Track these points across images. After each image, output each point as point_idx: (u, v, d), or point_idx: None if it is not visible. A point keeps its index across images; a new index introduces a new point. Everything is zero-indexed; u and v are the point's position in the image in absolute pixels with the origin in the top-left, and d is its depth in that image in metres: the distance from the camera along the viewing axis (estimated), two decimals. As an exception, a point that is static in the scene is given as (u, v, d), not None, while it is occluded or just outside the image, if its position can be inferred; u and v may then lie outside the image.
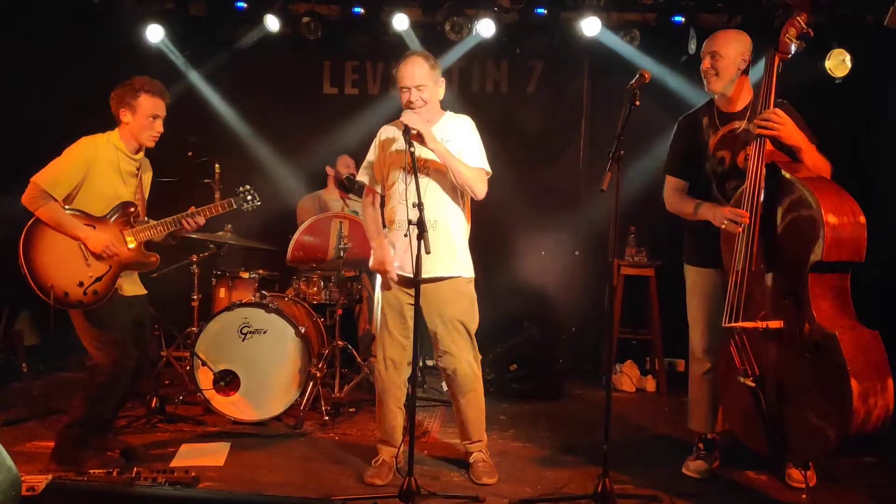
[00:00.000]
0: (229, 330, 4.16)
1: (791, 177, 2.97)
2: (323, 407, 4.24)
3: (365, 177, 3.51)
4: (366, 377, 4.63)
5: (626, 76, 3.11)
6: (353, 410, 4.45)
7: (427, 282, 3.25)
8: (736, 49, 3.21)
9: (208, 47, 5.69)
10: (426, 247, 2.95)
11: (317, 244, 4.86)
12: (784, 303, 2.97)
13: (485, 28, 5.27)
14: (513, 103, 5.88)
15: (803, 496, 3.19)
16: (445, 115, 3.42)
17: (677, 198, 3.45)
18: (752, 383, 3.03)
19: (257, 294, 4.35)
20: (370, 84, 5.95)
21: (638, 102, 2.93)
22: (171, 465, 3.46)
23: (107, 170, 3.40)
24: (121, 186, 3.45)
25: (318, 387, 4.26)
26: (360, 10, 5.49)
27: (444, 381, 3.58)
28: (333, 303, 4.55)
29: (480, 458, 3.47)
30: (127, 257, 3.44)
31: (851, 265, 2.91)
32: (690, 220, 3.38)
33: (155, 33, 5.38)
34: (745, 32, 3.30)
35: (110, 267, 3.39)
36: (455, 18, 5.28)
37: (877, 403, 2.73)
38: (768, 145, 3.05)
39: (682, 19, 5.26)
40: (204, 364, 4.13)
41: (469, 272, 3.41)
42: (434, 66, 3.32)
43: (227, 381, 4.13)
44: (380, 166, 3.45)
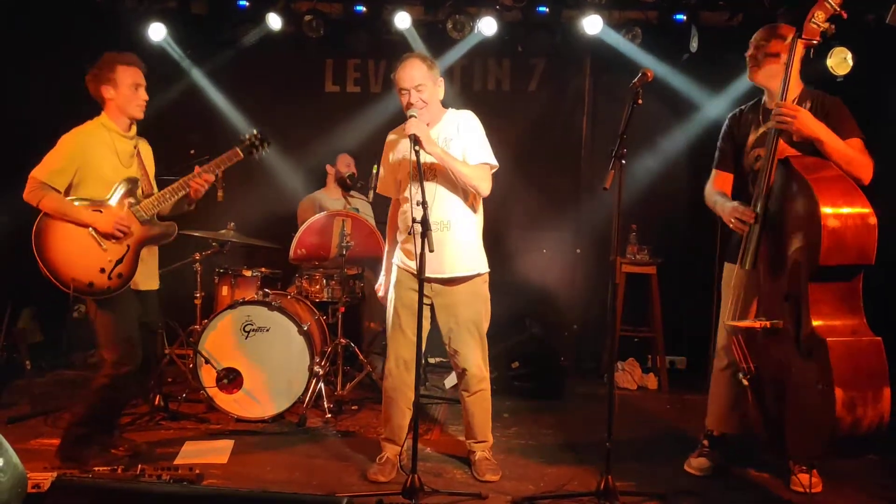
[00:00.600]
0: (232, 328, 4.18)
1: (798, 173, 2.84)
2: (326, 404, 4.25)
3: (385, 190, 3.56)
4: (368, 374, 4.64)
5: (627, 74, 3.11)
6: (355, 408, 4.46)
7: (443, 283, 3.29)
8: (777, 44, 3.08)
9: (210, 46, 5.68)
10: (429, 245, 2.97)
11: (319, 242, 4.88)
12: (785, 304, 2.92)
13: (486, 26, 5.27)
14: (514, 101, 5.87)
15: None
16: (447, 113, 3.42)
17: (710, 192, 3.39)
18: (746, 382, 3.04)
19: (260, 292, 4.35)
20: (372, 82, 5.95)
21: (641, 101, 2.93)
22: (176, 463, 3.47)
23: (104, 152, 3.36)
24: (121, 169, 3.41)
25: (321, 384, 4.27)
26: (362, 8, 5.49)
27: (448, 379, 3.59)
28: (336, 300, 4.55)
29: (483, 456, 3.49)
30: (141, 233, 3.41)
31: (859, 268, 2.76)
32: None
33: (157, 32, 5.38)
34: (793, 28, 3.06)
35: (128, 247, 3.37)
36: (457, 17, 5.28)
37: (866, 413, 2.63)
38: (781, 143, 2.98)
39: (684, 17, 5.25)
40: (207, 362, 4.15)
41: (484, 267, 3.44)
42: (432, 67, 3.31)
43: (231, 378, 4.14)
44: (392, 176, 3.47)
